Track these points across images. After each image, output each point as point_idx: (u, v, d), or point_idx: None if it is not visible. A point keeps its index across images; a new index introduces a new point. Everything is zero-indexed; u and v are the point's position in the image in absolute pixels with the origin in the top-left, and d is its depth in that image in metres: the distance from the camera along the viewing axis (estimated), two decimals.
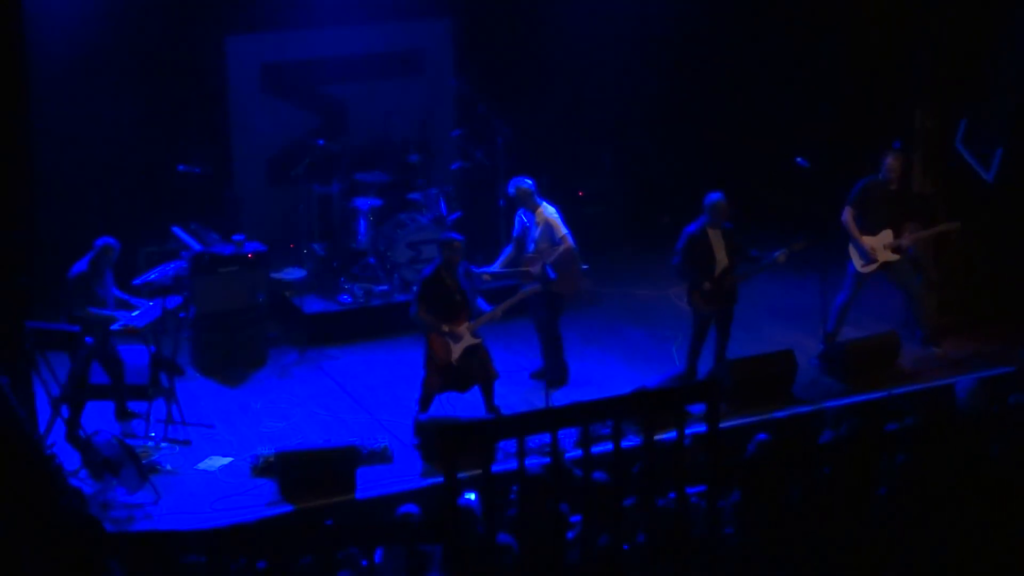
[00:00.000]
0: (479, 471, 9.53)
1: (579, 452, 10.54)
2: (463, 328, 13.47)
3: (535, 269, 14.18)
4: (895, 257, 14.90)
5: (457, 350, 13.48)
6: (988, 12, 15.20)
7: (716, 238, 14.22)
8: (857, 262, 14.95)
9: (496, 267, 14.52)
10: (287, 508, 12.52)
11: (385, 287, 16.41)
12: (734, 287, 14.37)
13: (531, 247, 14.48)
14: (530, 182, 14.51)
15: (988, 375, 14.27)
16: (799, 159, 15.21)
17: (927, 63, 15.42)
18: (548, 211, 14.50)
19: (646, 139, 19.30)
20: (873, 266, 14.89)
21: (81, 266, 13.68)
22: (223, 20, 16.93)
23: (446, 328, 13.43)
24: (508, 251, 14.68)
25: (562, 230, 14.43)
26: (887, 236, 14.86)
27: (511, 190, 14.56)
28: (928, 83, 15.47)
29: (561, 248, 14.37)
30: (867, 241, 14.85)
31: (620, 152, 18.58)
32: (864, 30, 18.46)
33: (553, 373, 14.53)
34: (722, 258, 14.24)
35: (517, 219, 14.68)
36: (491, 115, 16.72)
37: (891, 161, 14.80)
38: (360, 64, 17.80)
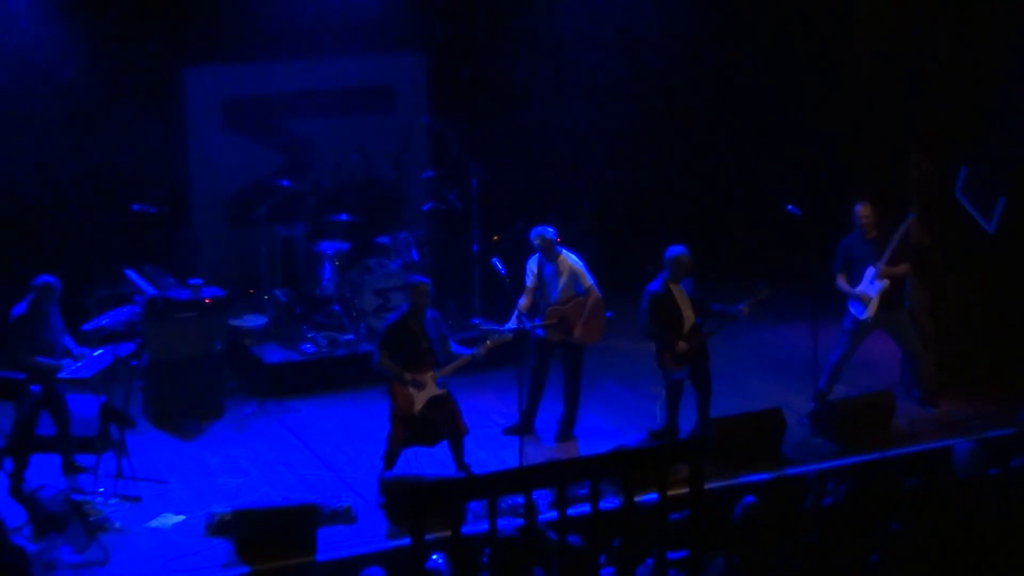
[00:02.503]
0: (448, 533, 9.52)
1: (554, 514, 10.53)
2: (427, 377, 13.48)
3: (552, 319, 14.38)
4: (884, 284, 14.85)
5: (420, 400, 13.47)
6: (988, 53, 15.29)
7: (680, 293, 14.26)
8: (856, 311, 14.97)
9: (514, 322, 14.48)
10: (243, 570, 12.45)
11: (350, 336, 16.40)
12: (703, 344, 14.38)
13: (554, 296, 14.51)
14: (552, 231, 14.57)
15: (988, 437, 14.32)
16: (790, 206, 15.27)
17: (923, 106, 15.51)
18: (571, 259, 14.57)
19: (629, 183, 19.35)
20: (872, 308, 14.87)
21: (20, 309, 13.63)
22: (183, 51, 16.96)
23: (408, 377, 13.43)
24: (522, 302, 14.62)
25: (588, 279, 14.51)
26: (870, 273, 14.91)
27: (534, 240, 14.56)
28: (924, 127, 15.55)
29: (588, 298, 14.45)
30: (858, 289, 14.91)
31: (602, 197, 18.62)
32: (857, 71, 18.56)
33: (570, 425, 14.75)
34: (689, 314, 14.27)
35: (529, 269, 14.68)
36: (465, 156, 16.76)
37: (861, 208, 14.93)
38: (327, 100, 17.85)
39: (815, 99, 19.04)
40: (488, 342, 13.87)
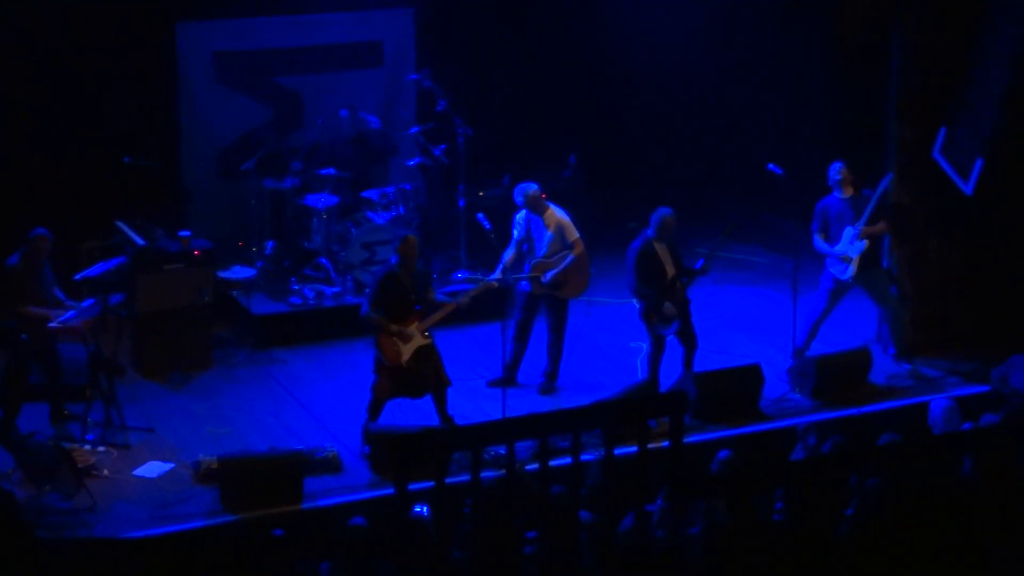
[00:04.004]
0: (432, 483, 9.54)
1: (536, 465, 10.55)
2: (413, 327, 13.47)
3: (549, 274, 14.41)
4: (864, 244, 14.86)
5: (407, 351, 13.46)
6: (969, 18, 15.25)
7: (663, 251, 14.30)
8: (836, 270, 14.96)
9: (498, 274, 14.49)
10: (229, 518, 12.48)
11: (337, 289, 16.39)
12: (684, 297, 14.42)
13: (541, 251, 14.52)
14: (536, 186, 14.58)
15: (962, 394, 14.36)
16: (771, 165, 15.27)
17: (905, 69, 15.48)
18: (559, 213, 14.58)
19: (613, 141, 19.35)
20: (853, 267, 14.88)
21: (13, 260, 13.62)
22: (174, 5, 16.90)
23: (395, 328, 13.42)
24: (508, 255, 14.66)
25: (575, 232, 14.53)
26: (848, 233, 14.91)
27: (519, 199, 14.56)
28: (906, 90, 15.53)
29: (574, 251, 14.47)
30: (838, 250, 14.91)
31: (587, 154, 18.60)
32: (840, 35, 18.54)
33: (553, 378, 14.79)
34: (671, 271, 14.33)
35: (517, 222, 14.68)
36: (452, 112, 16.72)
37: (838, 167, 14.91)
38: (317, 55, 17.79)
39: (799, 61, 19.02)
40: (472, 291, 13.88)
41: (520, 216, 14.69)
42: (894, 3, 15.49)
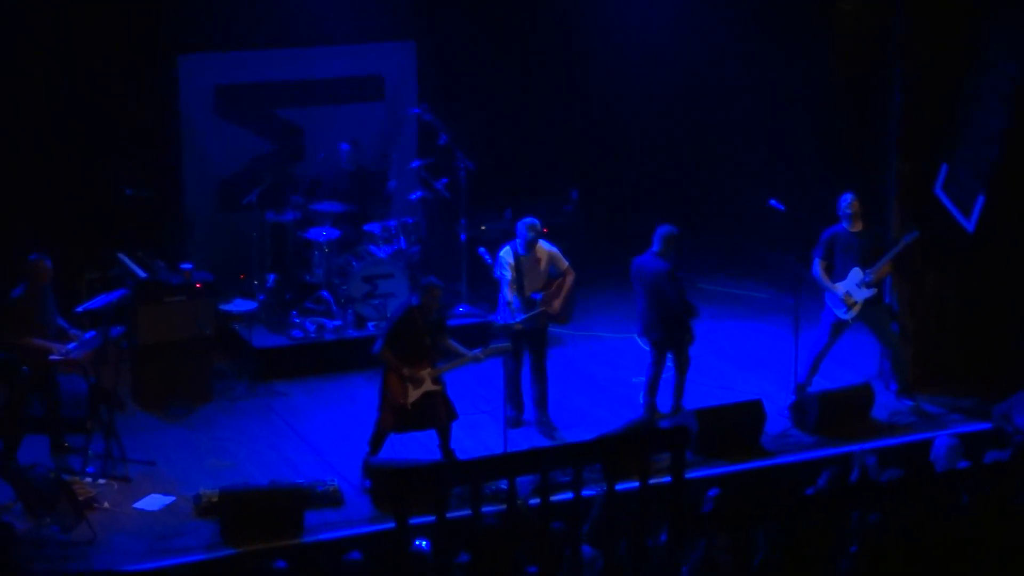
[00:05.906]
0: (432, 517, 9.52)
1: (538, 500, 10.53)
2: (425, 373, 13.46)
3: (553, 307, 14.44)
4: (872, 292, 14.90)
5: (415, 394, 13.45)
6: (969, 53, 15.29)
7: None
8: (838, 311, 14.97)
9: (502, 314, 14.46)
10: (230, 551, 12.45)
11: (338, 322, 16.38)
12: None
13: (536, 284, 14.50)
14: (538, 220, 14.59)
15: (965, 431, 14.34)
16: (773, 201, 15.28)
17: (905, 104, 15.51)
18: (547, 246, 14.59)
19: (615, 176, 19.37)
20: (855, 310, 14.89)
21: (17, 292, 13.63)
22: (176, 38, 16.94)
23: (407, 372, 13.40)
24: (508, 296, 14.45)
25: (564, 261, 14.56)
26: (856, 275, 14.91)
27: (529, 234, 14.44)
28: (907, 124, 15.55)
29: (569, 278, 14.51)
30: (840, 288, 14.90)
31: (588, 188, 18.63)
32: (840, 70, 18.59)
33: (545, 408, 14.76)
34: None
35: (502, 261, 14.50)
36: (454, 146, 16.76)
37: (849, 200, 14.89)
38: (318, 89, 17.82)
39: (800, 95, 19.05)
40: (493, 348, 13.83)
41: (504, 253, 14.59)
42: (892, 40, 15.54)
